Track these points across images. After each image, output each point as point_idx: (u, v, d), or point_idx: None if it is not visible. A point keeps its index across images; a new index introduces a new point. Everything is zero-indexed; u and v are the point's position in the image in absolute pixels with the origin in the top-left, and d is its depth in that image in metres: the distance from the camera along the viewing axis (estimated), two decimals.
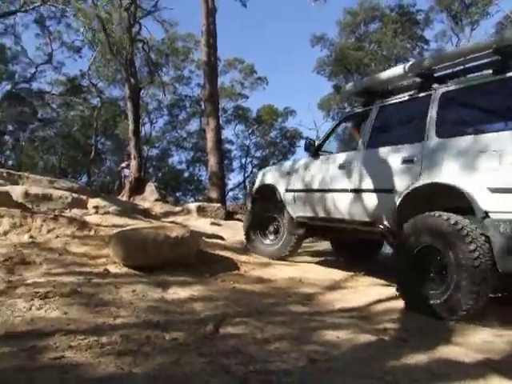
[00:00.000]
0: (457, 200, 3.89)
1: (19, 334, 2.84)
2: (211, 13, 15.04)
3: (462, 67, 4.44)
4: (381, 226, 4.78)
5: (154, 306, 3.68)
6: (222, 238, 7.74)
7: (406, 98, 4.90)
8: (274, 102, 36.73)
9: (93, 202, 9.75)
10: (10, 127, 35.41)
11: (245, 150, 37.89)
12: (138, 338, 2.89)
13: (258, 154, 38.59)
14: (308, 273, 5.70)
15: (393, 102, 5.07)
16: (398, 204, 4.42)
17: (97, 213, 8.60)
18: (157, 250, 4.84)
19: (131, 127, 17.68)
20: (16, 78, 30.22)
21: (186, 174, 38.52)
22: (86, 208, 9.31)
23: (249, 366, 2.55)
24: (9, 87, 30.29)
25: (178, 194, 32.33)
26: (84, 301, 3.59)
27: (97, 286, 4.05)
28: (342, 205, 5.21)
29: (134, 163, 16.96)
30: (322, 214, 5.61)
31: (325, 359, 2.75)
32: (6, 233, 5.86)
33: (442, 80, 4.58)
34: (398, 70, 5.02)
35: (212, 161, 15.67)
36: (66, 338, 2.80)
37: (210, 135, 15.66)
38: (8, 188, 8.94)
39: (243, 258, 6.13)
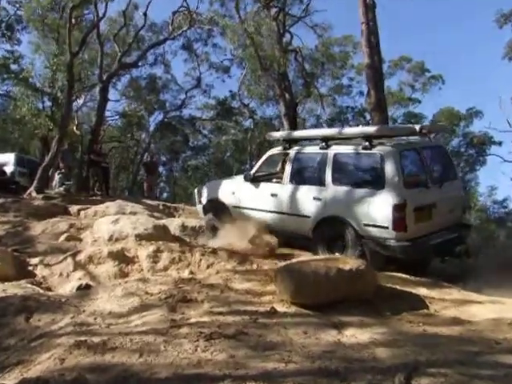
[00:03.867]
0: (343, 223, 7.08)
1: (187, 377, 3.03)
2: (370, 8, 14.88)
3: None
4: (304, 235, 7.56)
5: (330, 351, 3.65)
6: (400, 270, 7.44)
7: (313, 150, 7.93)
8: (453, 104, 34.67)
9: None
10: (164, 158, 38.99)
11: None
12: None
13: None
14: None
15: (304, 151, 8.15)
16: (313, 224, 7.38)
17: None
18: (329, 286, 4.84)
19: None
20: (167, 107, 33.40)
21: None
22: None
23: None
24: (161, 117, 33.53)
25: None
26: (251, 343, 3.71)
27: (264, 326, 4.16)
28: (279, 221, 7.97)
29: None
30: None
31: None
32: (166, 268, 6.43)
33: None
34: (310, 132, 9.35)
35: None
36: None
37: None
38: (165, 221, 9.80)
39: (432, 293, 5.81)
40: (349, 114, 36.00)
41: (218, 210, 8.98)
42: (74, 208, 12.18)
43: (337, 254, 6.91)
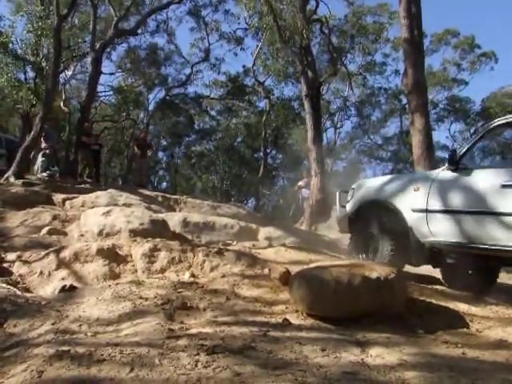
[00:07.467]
0: None
1: None
2: None
3: None
4: None
5: (351, 372, 3.63)
6: (437, 281, 7.42)
7: None
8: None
9: (264, 231, 10.25)
10: (164, 142, 38.94)
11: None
12: None
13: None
14: None
15: None
16: None
17: (270, 245, 8.95)
18: (352, 296, 4.84)
19: (310, 134, 18.15)
20: (169, 83, 33.30)
21: None
22: (257, 239, 9.78)
23: None
24: (162, 94, 33.46)
25: None
26: (260, 360, 3.70)
27: (275, 340, 4.15)
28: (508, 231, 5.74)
29: (314, 181, 17.34)
30: (476, 240, 6.09)
31: None
32: (163, 270, 6.45)
33: None
34: None
35: None
36: None
37: (416, 139, 15.25)
38: (164, 216, 9.84)
39: (474, 309, 5.76)
40: (381, 97, 35.90)
41: (378, 218, 7.23)
42: (58, 197, 12.25)
43: None
